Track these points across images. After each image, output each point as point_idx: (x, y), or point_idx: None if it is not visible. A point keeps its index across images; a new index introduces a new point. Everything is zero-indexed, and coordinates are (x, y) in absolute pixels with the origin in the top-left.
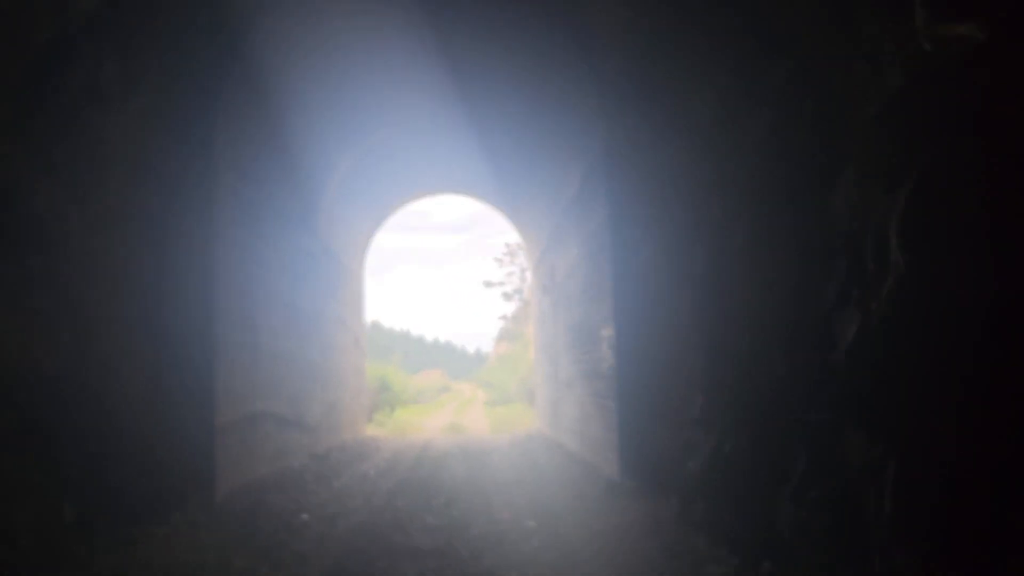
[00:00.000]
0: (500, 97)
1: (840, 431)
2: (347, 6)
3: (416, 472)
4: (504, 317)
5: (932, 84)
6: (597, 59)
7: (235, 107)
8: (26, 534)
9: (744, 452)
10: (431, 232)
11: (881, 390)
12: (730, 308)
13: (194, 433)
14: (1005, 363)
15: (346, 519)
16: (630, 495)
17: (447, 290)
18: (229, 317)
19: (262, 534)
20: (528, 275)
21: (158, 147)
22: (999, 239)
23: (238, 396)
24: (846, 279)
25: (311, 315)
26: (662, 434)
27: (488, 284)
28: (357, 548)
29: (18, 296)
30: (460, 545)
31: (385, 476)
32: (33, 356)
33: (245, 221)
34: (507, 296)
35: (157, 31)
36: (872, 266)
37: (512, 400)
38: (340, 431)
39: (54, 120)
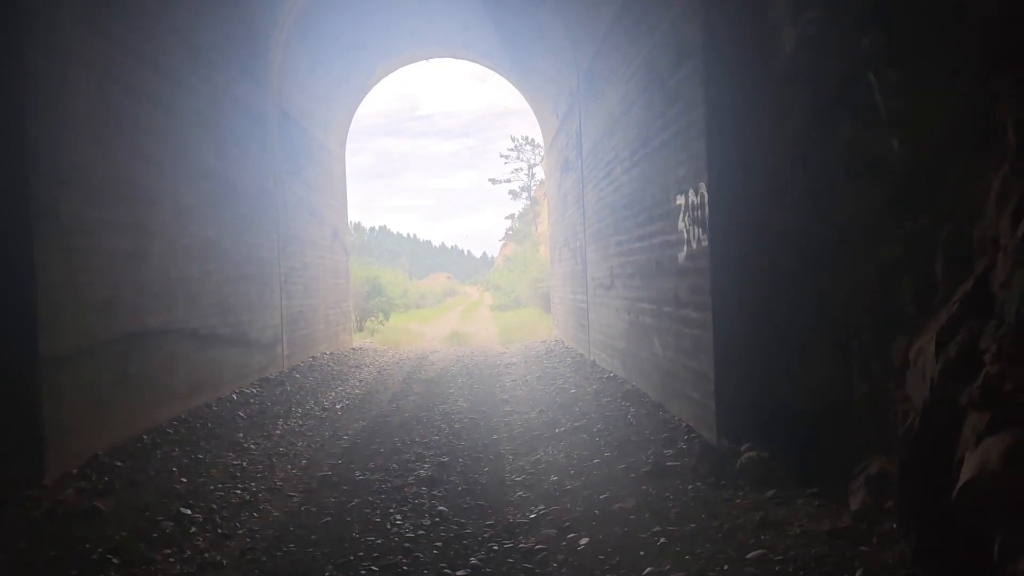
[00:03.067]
0: None
1: None
2: None
3: (399, 407)
4: (511, 217)
5: None
6: None
7: None
8: None
9: None
10: (437, 138)
11: None
12: None
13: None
14: None
15: (257, 517)
16: (760, 482)
17: (454, 195)
18: (73, 178)
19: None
20: (537, 170)
21: None
22: None
23: (102, 306)
24: None
25: (258, 196)
26: (827, 374)
27: (494, 181)
28: None
29: None
30: None
31: (355, 413)
32: None
33: (110, 30)
34: (514, 194)
35: None
36: None
37: (522, 304)
38: (311, 345)
39: None
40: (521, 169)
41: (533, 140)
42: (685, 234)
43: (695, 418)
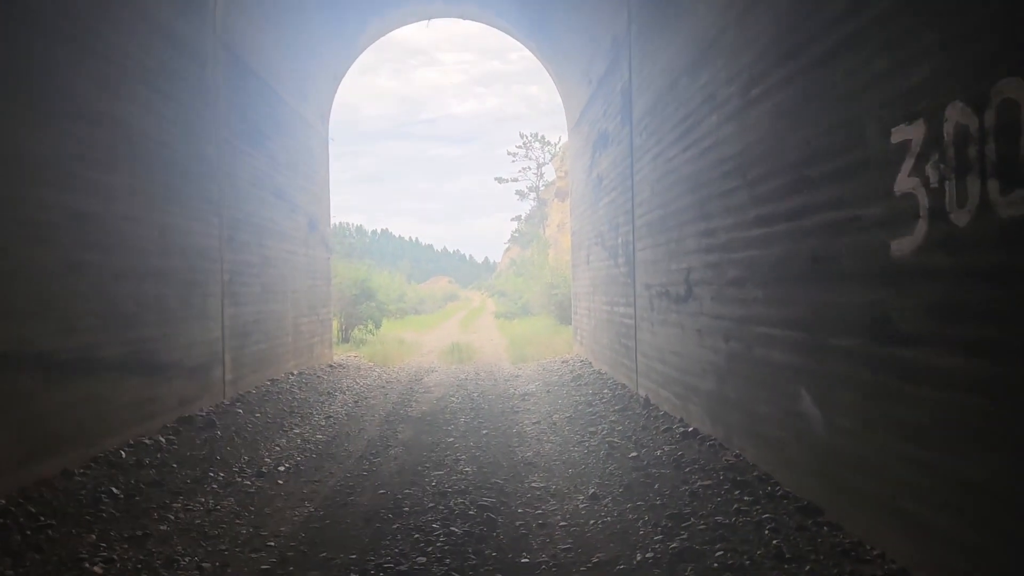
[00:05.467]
0: None
1: None
2: None
3: (371, 471)
4: (517, 218)
5: None
6: None
7: None
8: None
9: None
10: (442, 141)
11: None
12: None
13: None
14: None
15: None
16: None
17: (457, 199)
18: None
19: None
20: (546, 169)
21: None
22: None
23: None
24: None
25: (188, 163)
26: None
27: (501, 180)
28: None
29: None
30: None
31: (302, 482)
32: None
33: None
34: (521, 195)
35: None
36: None
37: (531, 312)
38: (272, 363)
39: None
40: (529, 168)
41: (543, 137)
42: (924, 199)
43: (950, 573)
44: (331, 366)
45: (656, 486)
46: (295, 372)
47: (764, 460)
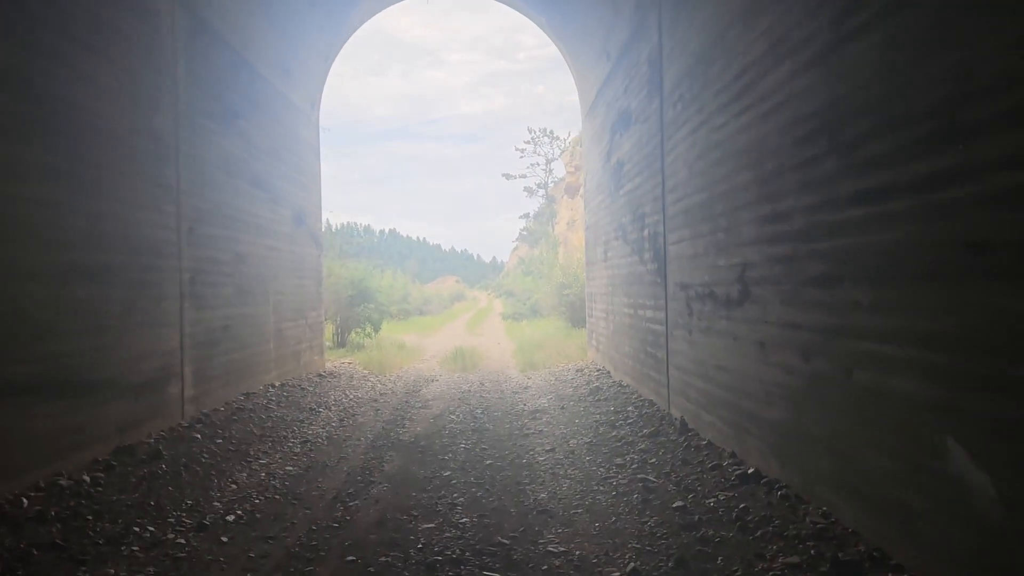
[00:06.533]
0: None
1: None
2: None
3: (346, 521)
4: (525, 216)
5: None
6: None
7: None
8: None
9: None
10: (448, 142)
11: None
12: None
13: None
14: None
15: None
16: None
17: (464, 199)
18: None
19: None
20: (555, 165)
21: None
22: None
23: None
24: None
25: (132, 138)
26: None
27: (508, 177)
28: None
29: None
30: None
31: (252, 538)
32: None
33: None
34: (529, 192)
35: None
36: None
37: (540, 314)
38: (248, 374)
39: None
40: (538, 164)
41: (552, 132)
42: None
43: None
44: (321, 375)
45: (720, 561)
46: (276, 384)
47: (873, 529)
